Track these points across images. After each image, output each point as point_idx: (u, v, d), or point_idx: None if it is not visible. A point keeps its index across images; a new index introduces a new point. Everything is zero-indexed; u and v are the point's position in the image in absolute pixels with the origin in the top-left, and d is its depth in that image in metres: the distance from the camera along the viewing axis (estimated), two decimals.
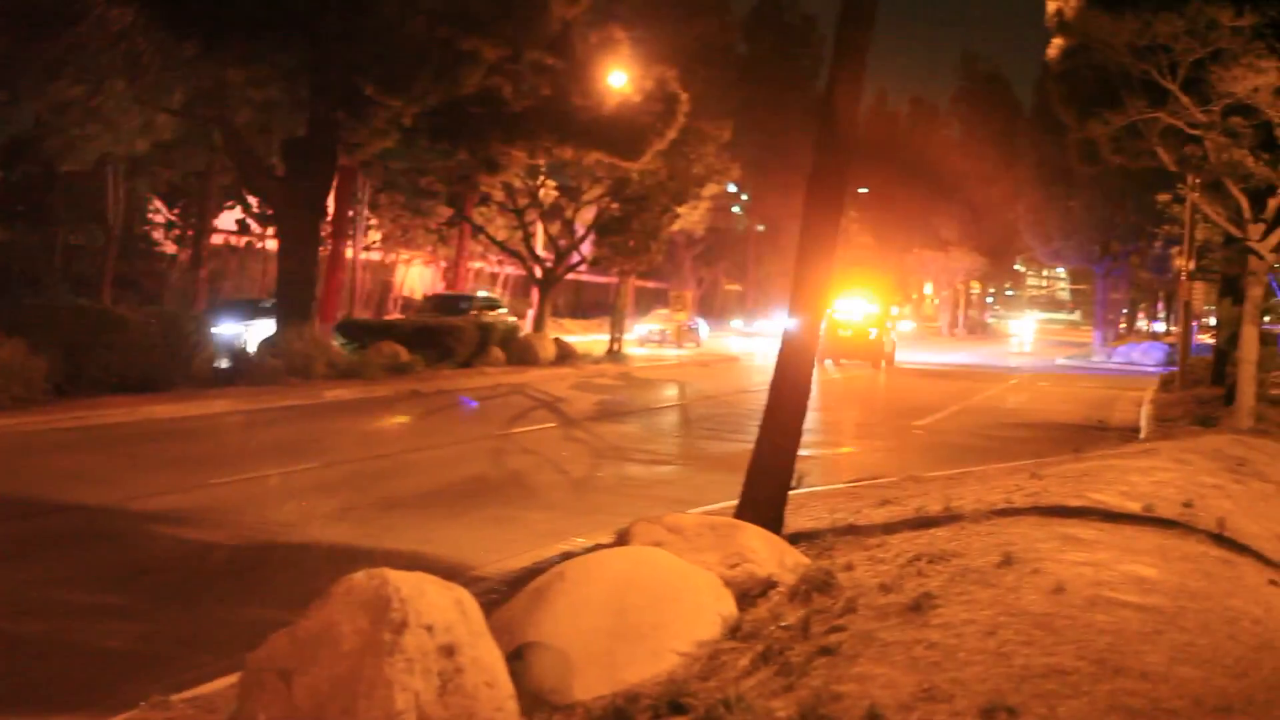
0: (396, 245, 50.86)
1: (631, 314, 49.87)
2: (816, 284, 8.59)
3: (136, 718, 5.69)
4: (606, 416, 22.39)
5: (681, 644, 5.74)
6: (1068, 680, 4.79)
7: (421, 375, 26.28)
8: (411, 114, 25.13)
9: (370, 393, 23.39)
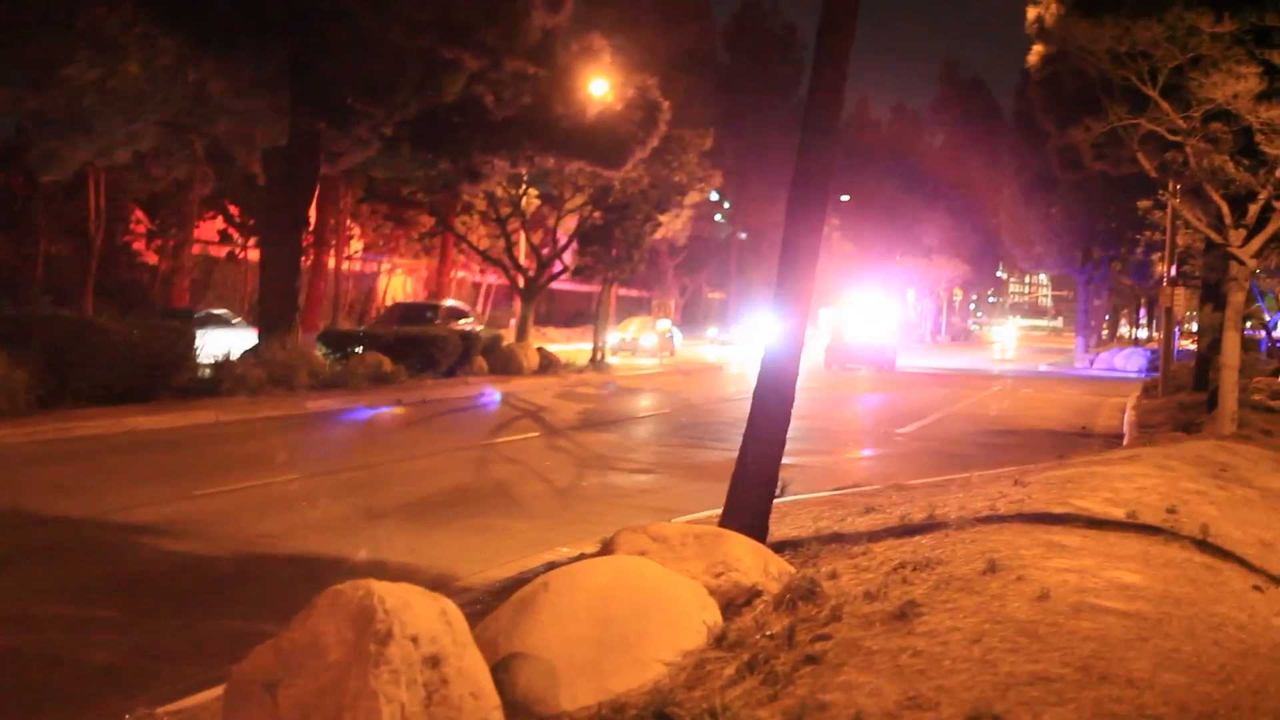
0: (379, 254, 50.88)
1: (614, 323, 49.87)
2: (799, 291, 8.58)
3: None
4: (590, 425, 22.37)
5: (667, 653, 5.73)
6: (1053, 687, 4.79)
7: (405, 385, 26.24)
8: (393, 123, 25.14)
9: (353, 403, 23.36)
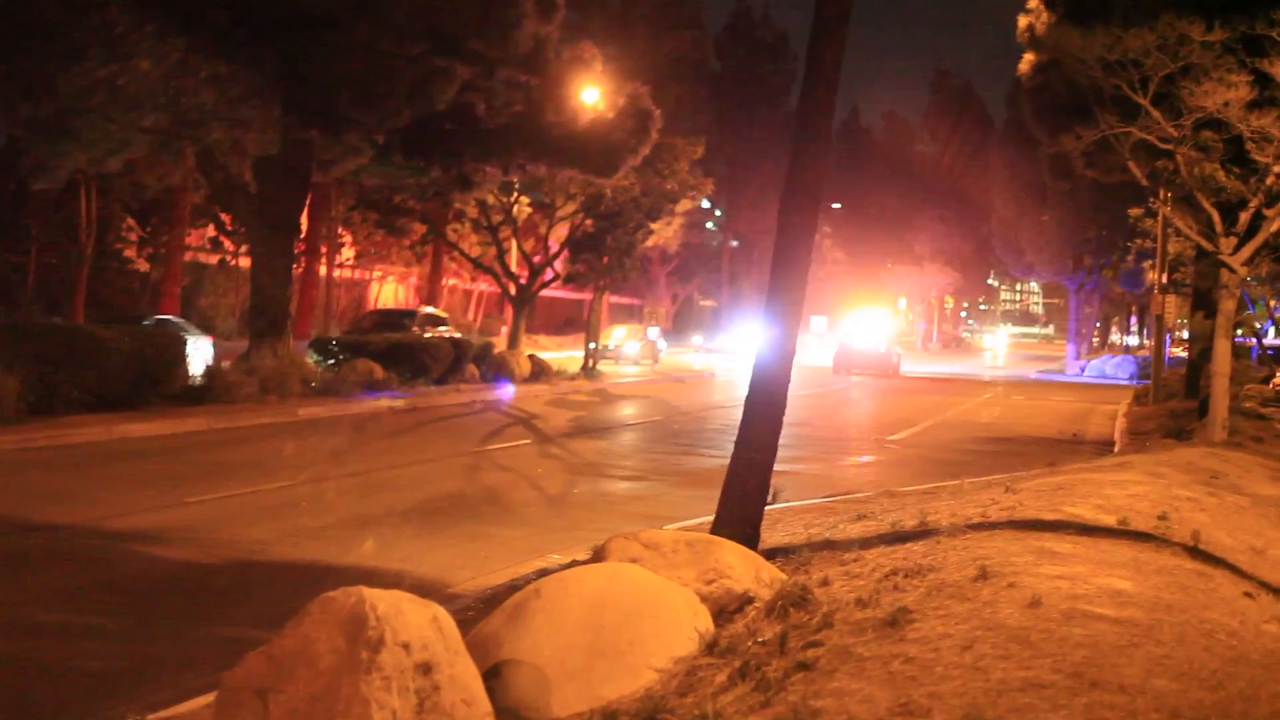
0: (371, 262, 50.86)
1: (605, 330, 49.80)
2: (791, 299, 8.58)
3: None
4: (582, 432, 22.37)
5: (659, 660, 5.73)
6: (1044, 694, 4.79)
7: (397, 392, 26.17)
8: (384, 131, 25.11)
9: (345, 410, 23.33)
